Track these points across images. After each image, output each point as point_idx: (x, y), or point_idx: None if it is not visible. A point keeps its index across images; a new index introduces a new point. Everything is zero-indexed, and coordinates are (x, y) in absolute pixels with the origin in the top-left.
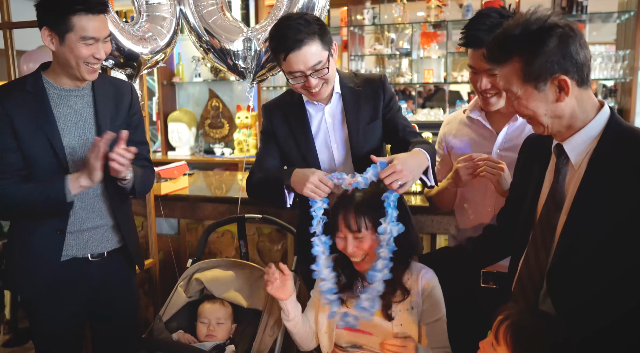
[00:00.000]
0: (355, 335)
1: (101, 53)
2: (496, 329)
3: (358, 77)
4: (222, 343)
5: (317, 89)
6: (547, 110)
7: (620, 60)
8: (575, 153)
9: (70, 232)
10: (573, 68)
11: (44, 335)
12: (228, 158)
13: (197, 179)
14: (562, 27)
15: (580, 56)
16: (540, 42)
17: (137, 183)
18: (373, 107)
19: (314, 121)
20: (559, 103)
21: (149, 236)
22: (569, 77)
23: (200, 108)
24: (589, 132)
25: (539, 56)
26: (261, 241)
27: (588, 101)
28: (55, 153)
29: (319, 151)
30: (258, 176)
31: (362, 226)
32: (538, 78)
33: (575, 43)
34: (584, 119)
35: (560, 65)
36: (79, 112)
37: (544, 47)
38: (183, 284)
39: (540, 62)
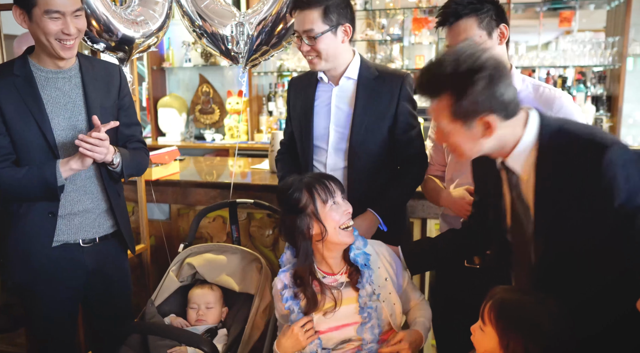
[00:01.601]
0: (340, 332)
1: (70, 28)
2: (482, 310)
3: (380, 71)
4: (214, 326)
5: (309, 57)
6: (473, 146)
7: (609, 46)
8: (519, 166)
9: (61, 216)
10: (499, 107)
11: (38, 319)
12: (219, 144)
13: (188, 164)
14: (491, 68)
15: (505, 96)
16: (469, 83)
17: (125, 167)
18: (385, 107)
19: (320, 98)
20: (485, 138)
21: (140, 222)
22: (495, 115)
23: (191, 94)
24: (525, 145)
25: (467, 95)
26: (253, 227)
27: (516, 125)
28: (44, 136)
29: (317, 127)
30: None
31: None
32: (466, 116)
33: (503, 83)
34: (516, 137)
35: (488, 105)
36: (67, 95)
37: (473, 88)
38: (175, 269)
39: (469, 102)
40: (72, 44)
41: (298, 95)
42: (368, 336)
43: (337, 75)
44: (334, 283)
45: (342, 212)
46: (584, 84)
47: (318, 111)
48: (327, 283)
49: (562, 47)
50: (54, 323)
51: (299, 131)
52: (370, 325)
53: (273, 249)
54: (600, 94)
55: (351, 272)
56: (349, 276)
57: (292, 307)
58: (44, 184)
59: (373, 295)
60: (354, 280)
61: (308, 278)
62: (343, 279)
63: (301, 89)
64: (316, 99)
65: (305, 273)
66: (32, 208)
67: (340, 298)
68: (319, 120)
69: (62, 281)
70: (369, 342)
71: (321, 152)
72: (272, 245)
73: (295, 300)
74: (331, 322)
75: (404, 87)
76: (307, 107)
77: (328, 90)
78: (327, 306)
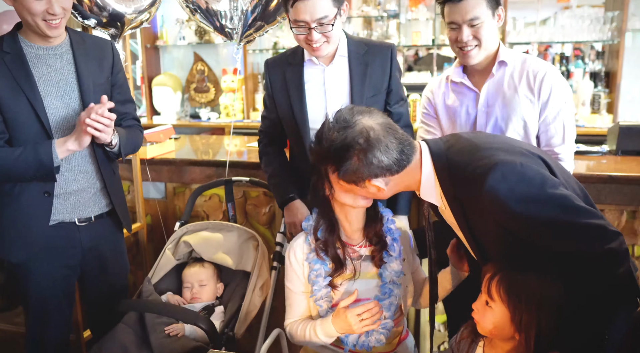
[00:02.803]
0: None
1: (54, 8)
2: (487, 287)
3: (368, 45)
4: (211, 304)
5: (317, 45)
6: (375, 196)
7: (608, 21)
8: (432, 198)
9: (56, 195)
10: (381, 171)
11: (34, 298)
12: (214, 123)
13: (183, 143)
14: (361, 142)
15: (384, 161)
16: (344, 159)
17: (123, 146)
18: (379, 80)
19: (311, 81)
20: (382, 192)
21: (136, 200)
22: (380, 178)
23: (185, 72)
24: (426, 181)
25: (347, 168)
26: (249, 205)
27: (410, 172)
28: (36, 115)
29: (313, 111)
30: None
31: None
32: (355, 182)
33: (376, 152)
34: (416, 178)
35: (367, 173)
36: (59, 72)
37: (348, 162)
38: (171, 247)
39: (349, 173)
40: (58, 22)
41: (279, 78)
42: (386, 311)
43: (331, 55)
44: (354, 255)
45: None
46: (582, 60)
47: (311, 93)
48: (349, 252)
49: (560, 23)
50: (51, 301)
51: (288, 116)
52: (388, 302)
53: (269, 227)
54: (598, 70)
55: (374, 248)
56: (372, 252)
57: (321, 270)
58: (39, 165)
59: (400, 273)
60: (377, 256)
61: (333, 239)
62: (364, 252)
63: (282, 72)
64: (306, 82)
65: (330, 235)
66: (27, 188)
67: (359, 270)
68: (314, 102)
69: (58, 260)
70: (387, 318)
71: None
72: (269, 222)
73: (322, 262)
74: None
75: (393, 58)
76: (297, 91)
77: (319, 71)
78: (346, 276)
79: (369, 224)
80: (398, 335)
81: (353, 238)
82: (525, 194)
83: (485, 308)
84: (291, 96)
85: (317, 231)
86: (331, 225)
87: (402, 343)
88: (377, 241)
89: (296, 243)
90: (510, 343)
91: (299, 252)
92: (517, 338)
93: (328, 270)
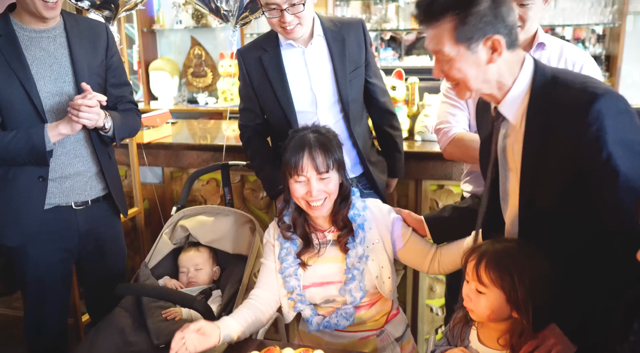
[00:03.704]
0: (324, 289)
1: None
2: (476, 274)
3: (340, 22)
4: (208, 288)
5: (291, 27)
6: (477, 73)
7: (609, 4)
8: (511, 112)
9: (52, 179)
10: (504, 29)
11: (31, 282)
12: (212, 107)
13: (180, 128)
14: None
15: (510, 18)
16: (473, 2)
17: (117, 131)
18: (357, 54)
19: (291, 64)
20: (490, 65)
21: (133, 185)
22: (501, 37)
23: (182, 57)
24: (518, 90)
25: (472, 15)
26: (246, 189)
27: (515, 61)
28: (29, 98)
29: (298, 94)
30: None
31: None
32: (471, 39)
33: (506, 5)
34: (512, 78)
35: (493, 25)
36: (53, 55)
37: (477, 7)
38: (168, 231)
39: (473, 22)
40: (55, 3)
41: (255, 66)
42: (349, 297)
43: (307, 36)
44: (322, 240)
45: (305, 190)
46: (582, 44)
47: (293, 76)
48: (317, 235)
49: (561, 6)
50: (48, 285)
51: (272, 103)
52: (353, 286)
53: (267, 211)
54: (599, 53)
55: (340, 233)
56: (338, 237)
57: (290, 249)
58: (32, 149)
59: (363, 257)
60: (342, 241)
61: (301, 223)
62: (331, 237)
63: (258, 59)
64: (286, 66)
65: (297, 220)
66: (21, 172)
67: (324, 254)
68: (297, 85)
69: (55, 244)
70: (349, 303)
71: (308, 115)
72: (266, 207)
73: (291, 241)
74: (315, 277)
75: (366, 32)
76: (279, 76)
77: (298, 53)
78: (312, 258)
79: (335, 210)
80: (386, 313)
81: (318, 224)
82: (624, 133)
83: (478, 295)
84: (272, 82)
85: (283, 216)
86: (298, 208)
87: (392, 321)
88: (343, 226)
89: (272, 223)
90: (504, 324)
91: (271, 230)
92: (515, 316)
93: (296, 249)
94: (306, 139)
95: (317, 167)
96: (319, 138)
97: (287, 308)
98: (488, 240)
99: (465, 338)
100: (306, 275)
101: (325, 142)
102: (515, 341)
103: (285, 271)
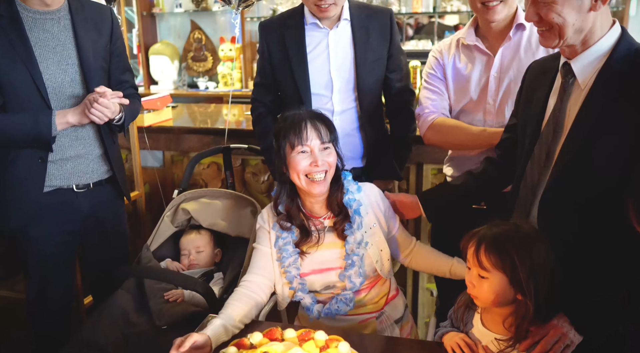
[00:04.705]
0: (323, 276)
1: None
2: (477, 260)
3: (368, 9)
4: (210, 270)
5: (326, 5)
6: (576, 19)
7: None
8: (583, 71)
9: (52, 161)
10: None
11: (33, 264)
12: (212, 92)
13: (181, 112)
14: None
15: None
16: None
17: (127, 122)
18: (380, 45)
19: (313, 44)
20: (590, 13)
21: (134, 169)
22: None
23: (182, 41)
24: (599, 49)
25: None
26: (247, 173)
27: (606, 17)
28: (33, 81)
29: (315, 75)
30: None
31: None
32: None
33: None
34: (599, 35)
35: None
36: (57, 37)
37: None
38: (170, 214)
39: None
40: None
41: (276, 41)
42: (348, 283)
43: (335, 18)
44: (319, 226)
45: (309, 161)
46: None
47: (314, 57)
48: (314, 222)
49: None
50: (50, 267)
51: (289, 81)
52: (352, 272)
53: (268, 195)
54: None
55: (336, 219)
56: (334, 223)
57: (288, 239)
58: (37, 135)
59: (362, 243)
60: (339, 228)
61: (296, 211)
62: (327, 223)
63: (280, 35)
64: (308, 45)
65: (292, 208)
66: (21, 154)
67: (322, 242)
68: (316, 67)
69: (57, 226)
70: (349, 289)
71: (322, 99)
72: (267, 191)
73: (289, 231)
74: (314, 264)
75: (393, 24)
76: (299, 54)
77: (322, 34)
78: (312, 244)
79: (330, 195)
80: (385, 294)
81: (314, 211)
82: None
83: (481, 281)
84: (292, 60)
85: (278, 204)
86: (291, 197)
87: (391, 303)
88: (339, 212)
89: (265, 208)
90: (508, 308)
91: (265, 215)
92: (519, 298)
93: (295, 238)
94: (304, 114)
95: (320, 136)
96: (316, 114)
97: (284, 296)
98: (485, 225)
99: (469, 321)
100: (305, 262)
101: (323, 117)
102: (519, 323)
103: (285, 262)
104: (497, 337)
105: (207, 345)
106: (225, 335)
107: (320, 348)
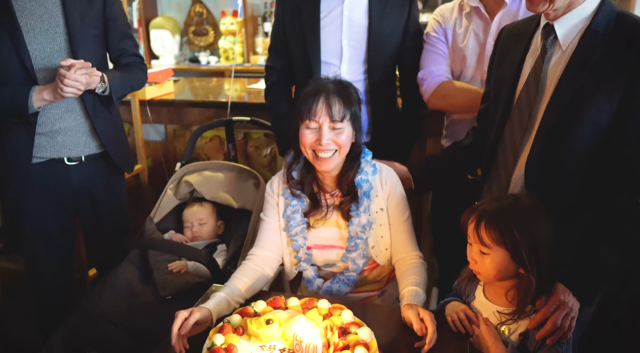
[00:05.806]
0: (324, 252)
1: None
2: (478, 236)
3: None
4: (213, 242)
5: None
6: None
7: None
8: (566, 32)
9: (42, 133)
10: None
11: (26, 235)
12: (214, 66)
13: (183, 86)
14: None
15: None
16: None
17: (114, 91)
18: (397, 19)
19: (327, 10)
20: None
21: (136, 142)
22: None
23: (183, 14)
24: (582, 11)
25: None
26: (250, 146)
27: None
28: (16, 52)
29: (326, 43)
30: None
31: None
32: None
33: None
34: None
35: None
36: (43, 5)
37: None
38: (172, 187)
39: None
40: None
41: (292, 6)
42: (351, 265)
43: None
44: (329, 200)
45: (314, 138)
46: None
47: (326, 24)
48: (323, 196)
49: None
50: (43, 239)
51: (300, 48)
52: (355, 255)
53: (270, 168)
54: None
55: (344, 199)
56: (340, 203)
57: (297, 207)
58: (15, 110)
59: (367, 226)
60: (345, 208)
61: (310, 180)
62: (333, 201)
63: (298, 3)
64: (322, 11)
65: (306, 177)
66: (13, 126)
67: (330, 216)
68: (328, 34)
69: (49, 197)
70: (351, 271)
71: (331, 68)
72: (269, 164)
73: (299, 199)
74: (317, 239)
75: (411, 1)
76: (311, 21)
77: (337, 2)
78: (318, 221)
79: (342, 172)
80: (387, 272)
81: (326, 184)
82: None
83: (482, 257)
84: (304, 25)
85: (292, 170)
86: (307, 164)
87: (394, 280)
88: (347, 191)
89: (276, 175)
90: (510, 281)
91: (275, 184)
92: (522, 272)
93: (304, 208)
94: (325, 86)
95: (331, 114)
96: (339, 87)
97: (291, 266)
98: (484, 200)
99: (471, 294)
100: (309, 235)
101: (344, 92)
102: (522, 297)
103: (292, 230)
104: (498, 309)
105: (208, 319)
106: (228, 308)
107: (323, 316)
